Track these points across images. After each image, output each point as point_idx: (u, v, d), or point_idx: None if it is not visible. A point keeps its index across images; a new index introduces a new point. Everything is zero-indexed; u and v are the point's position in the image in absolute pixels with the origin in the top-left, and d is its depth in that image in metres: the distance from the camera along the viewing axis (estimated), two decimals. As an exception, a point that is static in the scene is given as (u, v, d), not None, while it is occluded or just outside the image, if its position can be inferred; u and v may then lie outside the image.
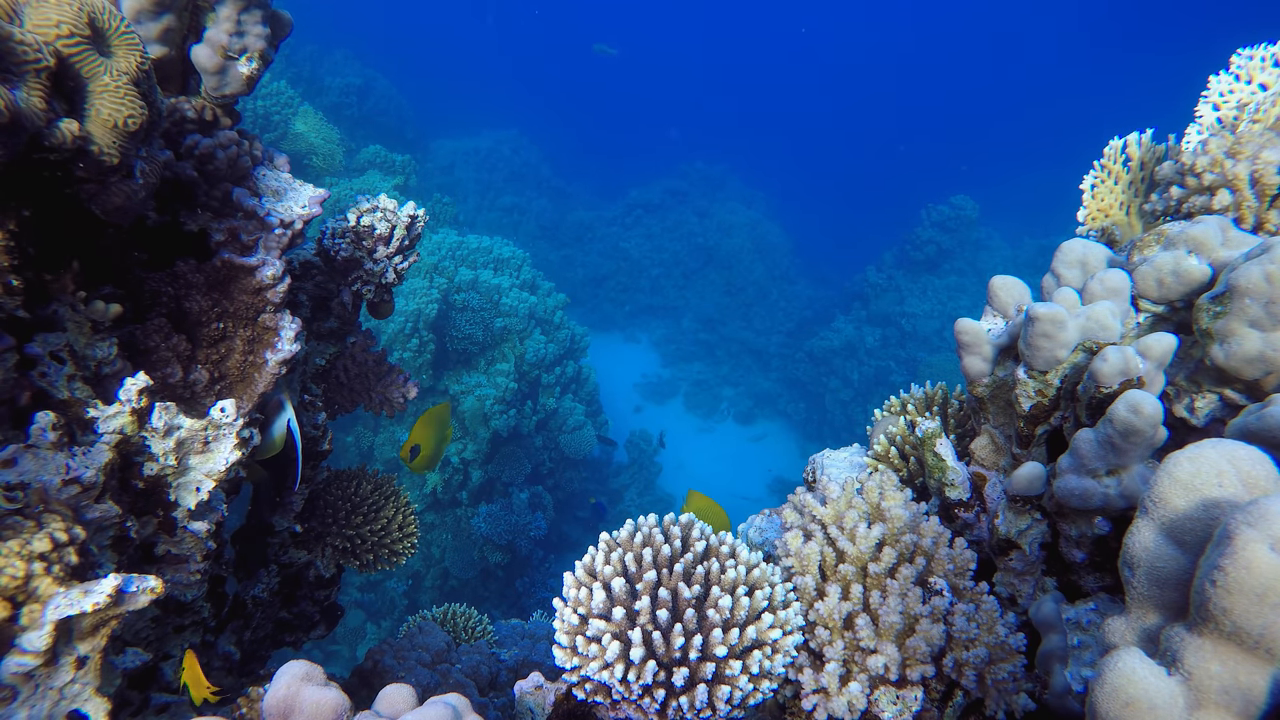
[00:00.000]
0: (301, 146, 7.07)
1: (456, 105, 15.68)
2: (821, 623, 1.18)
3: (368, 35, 14.24)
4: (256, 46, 1.44)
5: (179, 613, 1.48)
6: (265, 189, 1.51)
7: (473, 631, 2.88)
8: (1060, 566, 1.27)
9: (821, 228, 15.38)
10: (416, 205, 1.80)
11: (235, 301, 1.46)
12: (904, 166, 19.53)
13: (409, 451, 2.29)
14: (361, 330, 2.00)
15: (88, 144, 1.04)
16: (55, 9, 1.00)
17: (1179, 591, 0.81)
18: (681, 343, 10.89)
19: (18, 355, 1.12)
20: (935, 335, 9.51)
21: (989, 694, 1.14)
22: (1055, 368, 1.23)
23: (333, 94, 9.20)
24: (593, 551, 1.20)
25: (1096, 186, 1.82)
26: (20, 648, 0.92)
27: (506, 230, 10.19)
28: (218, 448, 1.36)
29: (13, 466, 1.05)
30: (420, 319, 5.72)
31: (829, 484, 1.30)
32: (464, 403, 5.95)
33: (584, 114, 20.78)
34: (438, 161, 11.41)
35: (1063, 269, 1.30)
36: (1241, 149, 1.43)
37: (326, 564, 1.97)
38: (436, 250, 6.52)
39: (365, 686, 1.95)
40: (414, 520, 2.05)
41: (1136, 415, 1.04)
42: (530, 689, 1.39)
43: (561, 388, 6.75)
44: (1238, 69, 1.73)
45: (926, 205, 10.75)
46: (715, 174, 13.84)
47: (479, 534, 5.85)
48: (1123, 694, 0.73)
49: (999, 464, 1.41)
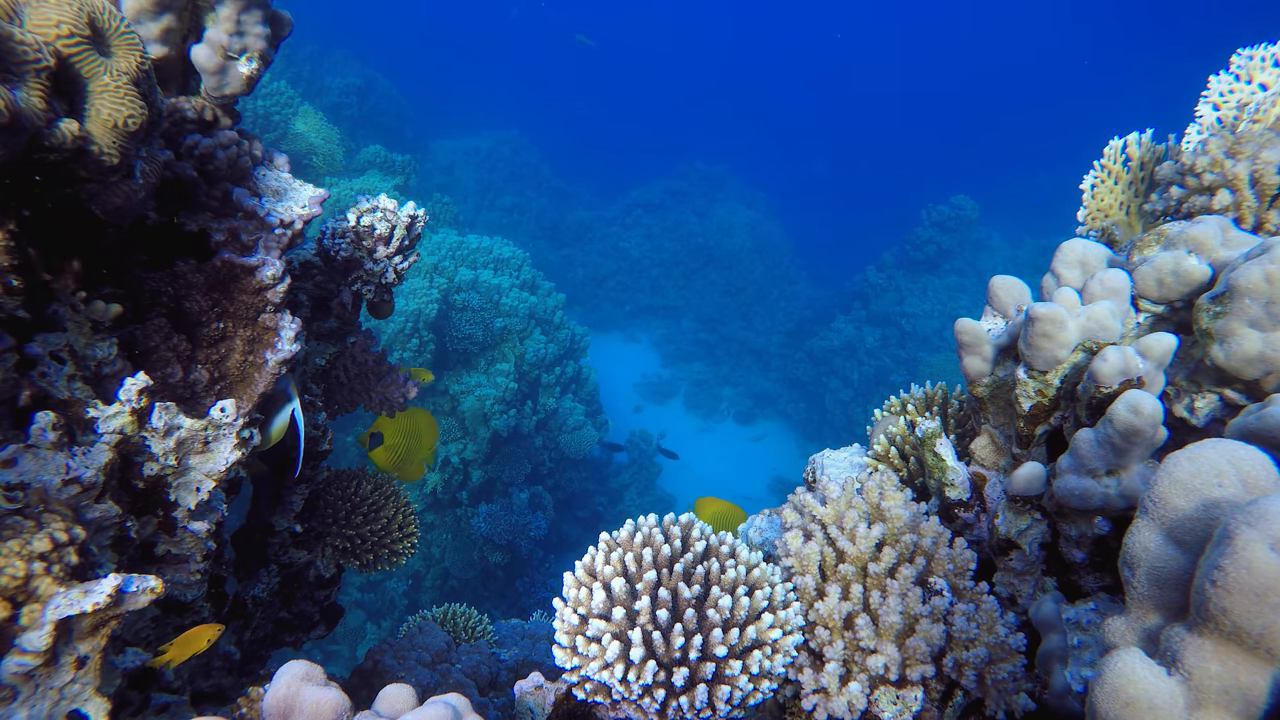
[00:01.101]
0: (301, 146, 7.08)
1: (456, 105, 15.68)
2: (821, 623, 1.18)
3: (368, 35, 14.24)
4: (256, 46, 1.44)
5: (179, 613, 1.48)
6: (265, 189, 1.51)
7: (473, 631, 2.88)
8: (1060, 566, 1.27)
9: (822, 227, 15.38)
10: (416, 205, 1.80)
11: (235, 301, 1.46)
12: (904, 166, 19.52)
13: (369, 439, 2.07)
14: (361, 330, 2.00)
15: (88, 144, 1.04)
16: (55, 9, 1.00)
17: (1179, 591, 0.81)
18: (681, 343, 10.89)
19: (18, 355, 1.12)
20: (935, 335, 9.51)
21: (989, 694, 1.14)
22: (1055, 368, 1.23)
23: (333, 94, 9.20)
24: (593, 551, 1.20)
25: (1096, 186, 1.82)
26: (20, 648, 0.92)
27: (506, 230, 10.19)
28: (218, 448, 1.36)
29: (13, 466, 1.05)
30: (420, 319, 5.72)
31: (829, 484, 1.30)
32: (464, 403, 5.95)
33: (584, 114, 20.79)
34: (438, 161, 11.41)
35: (1063, 269, 1.30)
36: (1241, 149, 1.43)
37: (326, 564, 1.97)
38: (436, 250, 6.52)
39: (365, 686, 1.95)
40: (414, 520, 2.05)
41: (1136, 415, 1.04)
42: (530, 689, 1.39)
43: (561, 388, 6.75)
44: (1238, 69, 1.73)
45: (926, 205, 10.75)
46: (715, 174, 13.85)
47: (479, 534, 5.84)
48: (1123, 694, 0.73)
49: (999, 464, 1.41)
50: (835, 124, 23.59)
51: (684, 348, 10.83)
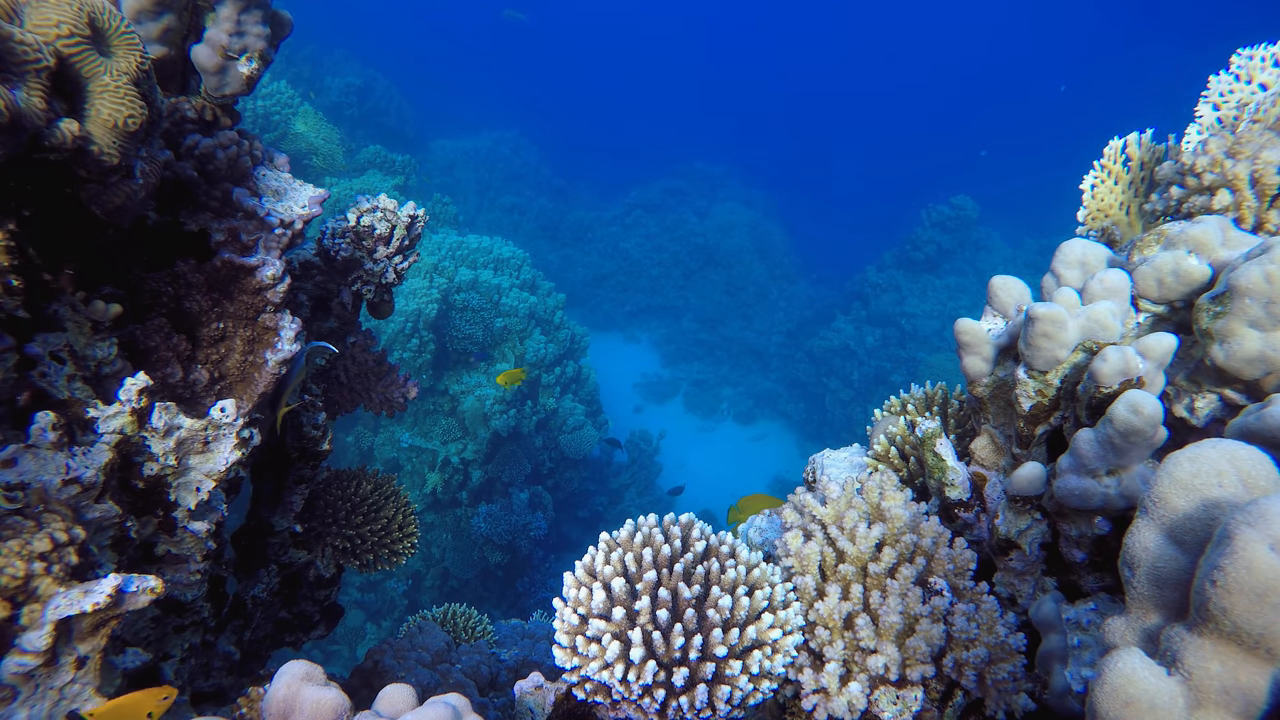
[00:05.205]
0: (301, 146, 7.08)
1: (456, 105, 15.69)
2: (821, 623, 1.18)
3: (368, 35, 14.26)
4: (256, 46, 1.44)
5: (179, 613, 1.48)
6: (265, 189, 1.51)
7: (473, 631, 2.88)
8: (1060, 566, 1.27)
9: (822, 227, 15.39)
10: (416, 205, 1.80)
11: (235, 301, 1.46)
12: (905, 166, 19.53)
13: None
14: (361, 330, 2.00)
15: (88, 144, 1.04)
16: (55, 9, 1.00)
17: (1179, 591, 0.81)
18: (681, 343, 10.89)
19: (18, 355, 1.12)
20: (935, 335, 9.51)
21: (989, 694, 1.14)
22: (1055, 368, 1.23)
23: (333, 94, 9.20)
24: (593, 551, 1.20)
25: (1096, 186, 1.82)
26: (20, 648, 0.92)
27: (506, 230, 10.20)
28: (218, 448, 1.36)
29: (13, 466, 1.05)
30: (420, 319, 5.72)
31: (829, 484, 1.30)
32: (464, 403, 5.95)
33: (584, 114, 20.79)
34: (438, 161, 11.41)
35: (1063, 269, 1.30)
36: (1241, 149, 1.43)
37: (326, 564, 1.97)
38: (436, 250, 6.52)
39: (365, 686, 1.95)
40: (414, 520, 2.05)
41: (1136, 415, 1.04)
42: (530, 689, 1.39)
43: (561, 388, 6.75)
44: (1238, 69, 1.73)
45: (926, 205, 10.76)
46: (715, 173, 13.86)
47: (479, 534, 5.85)
48: (1123, 694, 0.73)
49: (999, 464, 1.41)
50: (835, 124, 23.62)
51: (684, 348, 10.84)
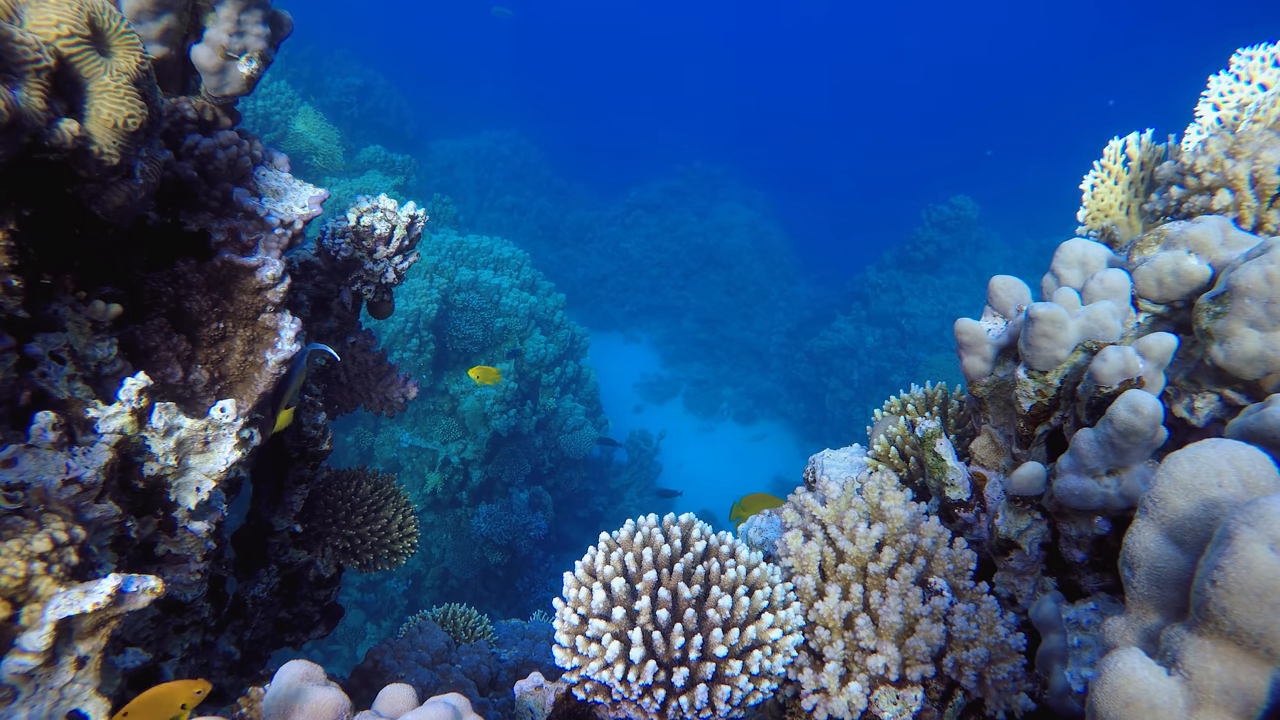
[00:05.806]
0: (301, 146, 7.08)
1: (456, 105, 15.69)
2: (821, 623, 1.18)
3: (368, 35, 14.27)
4: (256, 46, 1.44)
5: (179, 613, 1.48)
6: (265, 189, 1.51)
7: (473, 631, 2.88)
8: (1060, 566, 1.27)
9: (822, 227, 15.39)
10: (416, 205, 1.80)
11: (235, 301, 1.46)
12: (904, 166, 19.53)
13: None
14: (361, 330, 2.00)
15: (88, 144, 1.04)
16: (55, 9, 1.00)
17: (1179, 591, 0.81)
18: (681, 343, 10.89)
19: (18, 355, 1.12)
20: (935, 335, 9.51)
21: (989, 694, 1.14)
22: (1055, 368, 1.23)
23: (333, 94, 9.19)
24: (593, 551, 1.20)
25: (1096, 186, 1.82)
26: (20, 648, 0.92)
27: (506, 230, 10.19)
28: (218, 448, 1.36)
29: (13, 466, 1.05)
30: (420, 319, 5.72)
31: (829, 484, 1.30)
32: (464, 403, 5.95)
33: (584, 114, 20.79)
34: (438, 161, 11.41)
35: (1063, 269, 1.30)
36: (1241, 149, 1.43)
37: (326, 564, 1.97)
38: (436, 250, 6.52)
39: (365, 686, 1.95)
40: (414, 520, 2.05)
41: (1136, 415, 1.04)
42: (530, 689, 1.39)
43: (561, 388, 6.75)
44: (1238, 69, 1.73)
45: (927, 205, 10.74)
46: (715, 174, 13.85)
47: (479, 534, 5.84)
48: (1123, 694, 0.73)
49: (999, 464, 1.41)
50: (835, 124, 23.62)
51: (684, 348, 10.83)
